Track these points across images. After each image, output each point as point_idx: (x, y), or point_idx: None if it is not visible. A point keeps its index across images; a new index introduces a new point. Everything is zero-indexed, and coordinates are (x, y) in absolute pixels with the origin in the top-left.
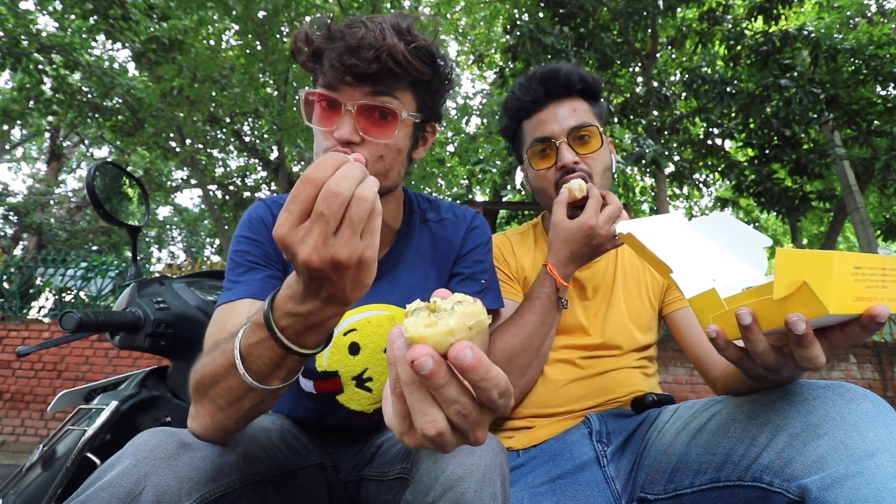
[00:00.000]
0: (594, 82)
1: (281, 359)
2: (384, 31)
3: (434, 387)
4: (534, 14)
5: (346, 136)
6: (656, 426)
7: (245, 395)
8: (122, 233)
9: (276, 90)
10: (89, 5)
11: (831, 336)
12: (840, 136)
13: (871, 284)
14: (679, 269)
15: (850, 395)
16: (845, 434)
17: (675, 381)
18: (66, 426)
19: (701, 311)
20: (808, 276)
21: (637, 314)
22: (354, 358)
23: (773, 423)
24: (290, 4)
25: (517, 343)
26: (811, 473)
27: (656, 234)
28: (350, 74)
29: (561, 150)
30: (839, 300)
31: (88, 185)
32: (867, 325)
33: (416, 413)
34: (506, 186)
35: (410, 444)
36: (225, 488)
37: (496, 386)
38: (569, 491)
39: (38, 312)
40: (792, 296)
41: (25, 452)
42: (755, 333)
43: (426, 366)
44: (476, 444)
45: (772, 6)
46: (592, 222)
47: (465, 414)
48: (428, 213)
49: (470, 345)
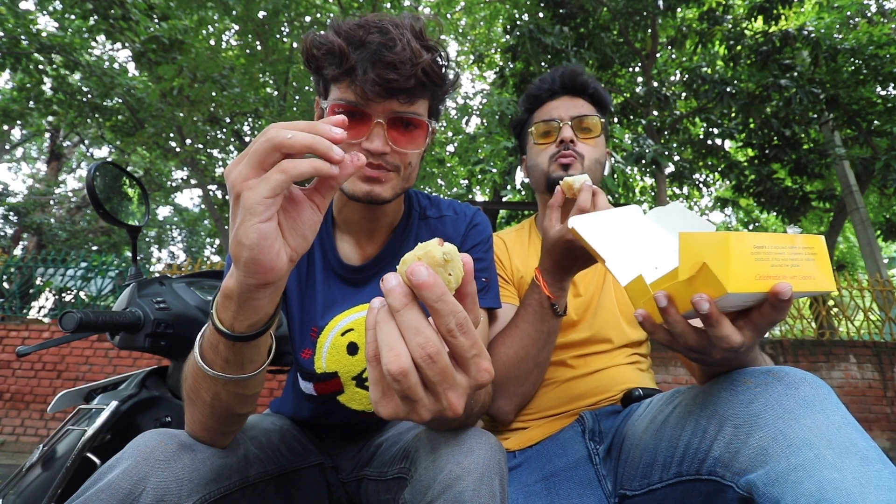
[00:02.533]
0: (605, 97)
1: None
2: (411, 42)
3: (395, 307)
4: (534, 14)
5: (381, 147)
6: (632, 420)
7: (202, 381)
8: (122, 233)
9: (276, 90)
10: (89, 5)
11: (752, 316)
12: (840, 136)
13: (777, 263)
14: (613, 260)
15: (788, 380)
16: (784, 423)
17: (675, 380)
18: (66, 426)
19: (634, 297)
20: (707, 258)
21: (627, 308)
22: (353, 358)
23: (719, 414)
24: (290, 4)
25: (513, 353)
26: (756, 467)
27: (604, 228)
28: (384, 88)
29: (563, 128)
30: (739, 280)
31: (88, 185)
32: (775, 304)
33: (384, 349)
34: (506, 186)
35: (385, 412)
36: (225, 490)
37: (453, 313)
38: (562, 489)
39: (38, 312)
40: (695, 277)
41: (25, 452)
42: (672, 315)
43: (389, 280)
44: (452, 413)
45: (772, 6)
46: (570, 236)
47: (429, 354)
48: (428, 210)
49: (426, 266)
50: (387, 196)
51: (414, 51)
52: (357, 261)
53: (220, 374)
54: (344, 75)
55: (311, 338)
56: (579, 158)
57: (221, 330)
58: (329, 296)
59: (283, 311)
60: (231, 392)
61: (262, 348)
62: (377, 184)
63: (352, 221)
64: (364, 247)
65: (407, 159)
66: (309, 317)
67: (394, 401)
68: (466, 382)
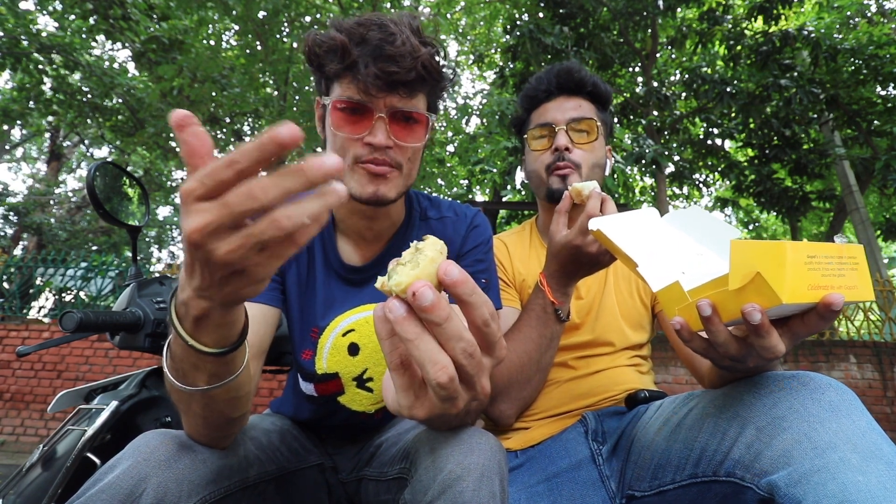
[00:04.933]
0: (605, 91)
1: (199, 361)
2: (410, 38)
3: (437, 321)
4: (534, 14)
5: (384, 141)
6: (642, 422)
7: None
8: (122, 233)
9: (276, 90)
10: (89, 5)
11: (792, 325)
12: (840, 136)
13: (827, 273)
14: (645, 264)
15: (813, 385)
16: (809, 426)
17: (675, 381)
18: (66, 426)
19: (667, 303)
20: (761, 267)
21: (628, 312)
22: (354, 358)
23: (740, 416)
24: (290, 4)
25: (515, 359)
26: (778, 469)
27: (627, 230)
28: (386, 82)
29: (558, 135)
30: (793, 290)
31: (88, 185)
32: (824, 314)
33: (426, 364)
34: (506, 186)
35: (420, 415)
36: (225, 490)
37: (486, 303)
38: (565, 490)
39: (38, 312)
40: (747, 286)
41: (25, 452)
42: (716, 324)
43: (427, 296)
44: (484, 396)
45: (772, 6)
46: (578, 242)
47: (470, 353)
48: (428, 210)
49: (453, 264)
50: (391, 196)
51: (413, 45)
52: (358, 261)
53: (208, 387)
54: (346, 71)
55: (312, 338)
56: (576, 168)
57: (207, 352)
58: (329, 296)
59: (283, 312)
60: (223, 399)
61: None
62: (382, 182)
63: (353, 223)
64: (365, 247)
65: (408, 154)
66: (309, 317)
67: (428, 401)
68: (490, 363)
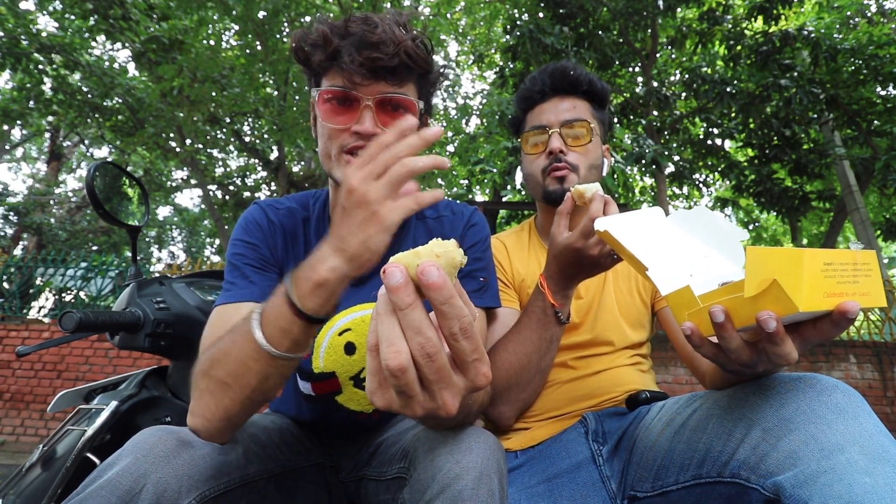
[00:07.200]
0: (602, 89)
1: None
2: (393, 27)
3: (399, 305)
4: (534, 14)
5: (370, 128)
6: (644, 423)
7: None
8: (122, 233)
9: (276, 90)
10: (89, 5)
11: (804, 331)
12: (840, 136)
13: (842, 280)
14: (655, 267)
15: (820, 387)
16: (816, 428)
17: (675, 380)
18: (66, 426)
19: (676, 307)
20: (778, 275)
21: (628, 311)
22: (351, 358)
23: (746, 418)
24: (290, 4)
25: (515, 361)
26: (784, 470)
27: (634, 231)
28: (370, 70)
29: (551, 138)
30: (810, 298)
31: (88, 185)
32: (838, 322)
33: (383, 343)
34: (506, 186)
35: (379, 403)
36: (225, 487)
37: (459, 318)
38: (565, 490)
39: (38, 312)
40: (763, 294)
41: (25, 452)
42: (728, 331)
43: (395, 276)
44: (445, 413)
45: (772, 6)
46: (579, 244)
47: (429, 353)
48: (426, 209)
49: (438, 266)
50: None
51: (396, 33)
52: None
53: (285, 354)
54: (331, 62)
55: None
56: (573, 169)
57: (308, 315)
58: None
59: None
60: (281, 374)
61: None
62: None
63: None
64: None
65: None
66: None
67: (389, 393)
68: (463, 384)
